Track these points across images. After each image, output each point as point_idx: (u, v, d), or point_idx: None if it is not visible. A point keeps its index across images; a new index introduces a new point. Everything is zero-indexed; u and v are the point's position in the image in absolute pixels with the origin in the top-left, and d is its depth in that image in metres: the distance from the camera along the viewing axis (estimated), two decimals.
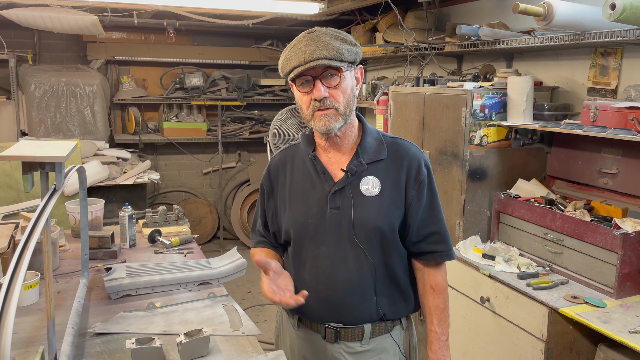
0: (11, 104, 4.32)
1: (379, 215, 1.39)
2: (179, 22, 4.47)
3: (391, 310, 1.44)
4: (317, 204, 1.42)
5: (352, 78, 1.38)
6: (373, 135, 1.46)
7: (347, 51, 1.32)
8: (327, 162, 1.45)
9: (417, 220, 1.43)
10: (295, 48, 1.33)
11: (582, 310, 1.92)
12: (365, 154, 1.42)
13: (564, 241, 2.22)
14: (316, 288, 1.42)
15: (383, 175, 1.41)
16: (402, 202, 1.42)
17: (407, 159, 1.43)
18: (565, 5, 2.08)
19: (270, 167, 1.57)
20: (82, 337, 1.51)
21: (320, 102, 1.33)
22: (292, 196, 1.48)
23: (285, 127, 4.38)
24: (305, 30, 1.37)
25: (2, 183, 3.36)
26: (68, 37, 4.68)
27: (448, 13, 3.53)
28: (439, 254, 1.45)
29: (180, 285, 1.87)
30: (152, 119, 5.18)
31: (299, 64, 1.30)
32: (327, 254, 1.41)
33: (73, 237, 2.40)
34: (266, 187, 1.56)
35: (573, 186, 2.55)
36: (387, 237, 1.40)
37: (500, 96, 2.54)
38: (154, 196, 5.25)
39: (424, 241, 1.45)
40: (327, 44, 1.30)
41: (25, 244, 0.88)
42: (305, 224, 1.43)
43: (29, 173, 1.15)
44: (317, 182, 1.44)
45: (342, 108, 1.35)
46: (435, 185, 1.46)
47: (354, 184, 1.40)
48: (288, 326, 1.57)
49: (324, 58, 1.29)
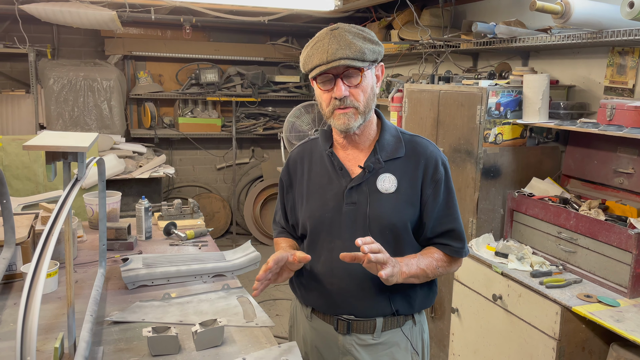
0: (30, 98, 4.39)
1: (394, 212, 1.40)
2: (195, 18, 4.50)
3: (404, 305, 1.45)
4: (333, 199, 1.44)
5: (372, 77, 1.38)
6: (391, 133, 1.47)
7: (370, 50, 1.32)
8: (345, 158, 1.47)
9: (433, 218, 1.43)
10: (317, 45, 1.33)
11: (595, 309, 1.92)
12: (383, 151, 1.43)
13: (577, 240, 2.21)
14: (330, 280, 1.44)
15: (400, 173, 1.42)
16: (418, 200, 1.43)
17: (424, 158, 1.43)
18: (583, 3, 2.07)
19: (289, 160, 1.59)
20: (100, 325, 1.55)
21: (340, 100, 1.34)
22: (309, 190, 1.50)
23: (299, 124, 4.40)
24: (326, 27, 1.37)
25: (21, 175, 3.42)
26: (86, 32, 4.74)
27: (464, 11, 3.52)
28: (451, 248, 1.46)
29: (195, 277, 1.90)
30: (167, 114, 5.23)
31: (321, 63, 1.30)
32: (341, 248, 1.42)
33: (90, 228, 2.44)
34: (285, 181, 1.60)
35: (588, 185, 2.53)
36: (400, 233, 1.41)
37: (516, 94, 2.54)
38: (168, 190, 5.30)
39: (439, 237, 1.46)
40: (350, 43, 1.29)
41: (50, 232, 0.90)
42: (322, 218, 1.45)
43: (52, 163, 1.18)
44: (334, 178, 1.45)
45: (362, 107, 1.36)
46: (452, 184, 1.46)
47: (370, 180, 1.42)
48: (302, 317, 1.59)
49: (347, 58, 1.29)
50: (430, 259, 1.42)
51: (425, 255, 1.43)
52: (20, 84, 4.67)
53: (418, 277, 1.39)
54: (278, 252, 1.41)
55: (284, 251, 1.41)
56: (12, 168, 3.39)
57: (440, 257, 1.45)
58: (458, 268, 1.52)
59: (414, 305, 1.47)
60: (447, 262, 1.46)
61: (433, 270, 1.42)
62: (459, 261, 1.51)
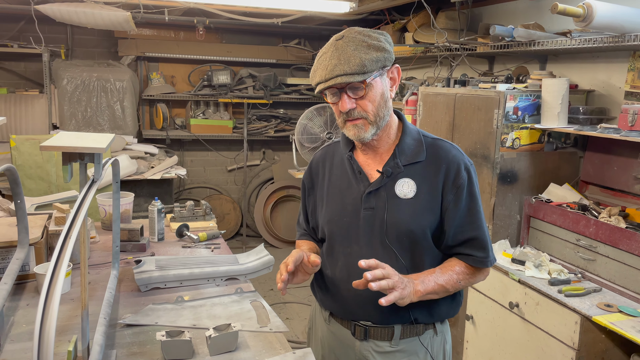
0: (44, 98, 4.41)
1: (411, 219, 1.36)
2: (208, 20, 4.50)
3: (423, 314, 1.41)
4: (352, 204, 1.42)
5: (382, 83, 1.34)
6: (413, 136, 1.43)
7: (372, 60, 1.28)
8: (364, 162, 1.45)
9: (454, 225, 1.38)
10: (321, 60, 1.31)
11: (616, 319, 1.87)
12: (403, 155, 1.40)
13: (597, 248, 2.16)
14: (347, 286, 1.41)
15: (420, 178, 1.38)
16: (438, 207, 1.38)
17: (446, 162, 1.38)
18: (605, 6, 2.03)
19: (312, 163, 1.58)
20: (113, 328, 1.53)
21: (347, 113, 1.32)
22: (329, 194, 1.48)
23: (311, 126, 4.38)
24: (335, 33, 1.35)
25: (34, 175, 3.43)
26: (100, 33, 4.76)
27: (480, 13, 3.48)
28: (474, 258, 1.40)
29: (208, 280, 1.88)
30: (179, 115, 5.23)
31: (321, 80, 1.30)
32: (358, 253, 1.40)
33: (103, 229, 2.43)
34: (307, 183, 1.58)
35: (607, 192, 2.48)
36: (418, 240, 1.38)
37: (534, 98, 2.50)
38: (179, 191, 5.30)
39: (460, 246, 1.41)
40: (350, 58, 1.27)
41: (67, 234, 0.88)
42: (340, 223, 1.44)
43: (68, 164, 1.16)
44: (353, 182, 1.43)
45: (372, 117, 1.33)
46: (476, 190, 1.40)
47: (389, 185, 1.39)
48: (320, 320, 1.57)
49: (344, 74, 1.26)
50: (451, 273, 1.37)
51: (445, 269, 1.38)
52: (34, 84, 4.69)
53: (437, 293, 1.35)
54: (295, 251, 1.39)
55: (300, 251, 1.39)
56: (25, 168, 3.40)
57: (462, 269, 1.39)
58: (484, 278, 1.46)
59: (434, 314, 1.43)
60: (470, 274, 1.40)
61: (454, 284, 1.37)
62: (485, 271, 1.44)
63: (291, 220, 5.45)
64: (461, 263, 1.40)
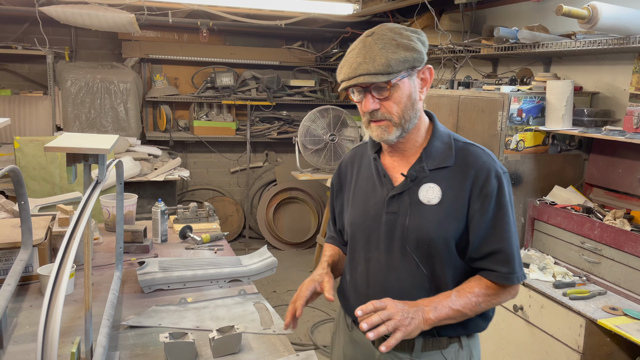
0: (48, 99, 4.42)
1: (434, 226, 1.29)
2: (212, 22, 4.51)
3: (447, 327, 1.31)
4: (374, 207, 1.37)
5: (411, 84, 1.28)
6: (442, 139, 1.36)
7: (399, 61, 1.22)
8: (390, 164, 1.39)
9: (478, 236, 1.29)
10: (349, 56, 1.27)
11: (621, 322, 1.86)
12: (430, 159, 1.33)
13: (602, 251, 2.15)
14: (366, 293, 1.37)
15: (446, 184, 1.30)
16: (464, 215, 1.29)
17: (474, 168, 1.30)
18: (610, 8, 2.02)
19: (341, 164, 1.54)
20: (116, 330, 1.53)
21: (371, 114, 1.28)
22: (354, 196, 1.44)
23: (314, 128, 4.38)
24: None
25: (38, 176, 3.43)
26: (104, 34, 4.77)
27: (484, 15, 3.48)
28: (497, 274, 1.29)
29: (211, 282, 1.88)
30: (182, 117, 5.24)
31: (345, 78, 1.26)
32: (378, 259, 1.36)
33: (106, 230, 2.43)
34: (335, 185, 1.54)
35: (612, 195, 2.47)
36: (440, 249, 1.29)
37: (538, 100, 2.49)
38: (182, 193, 5.30)
39: (484, 259, 1.31)
40: (375, 56, 1.22)
41: (71, 236, 0.88)
42: (362, 226, 1.39)
43: (72, 165, 1.16)
44: (377, 185, 1.38)
45: (396, 119, 1.27)
46: (506, 200, 1.30)
47: (413, 190, 1.32)
48: (343, 326, 1.52)
49: (368, 74, 1.22)
50: (469, 296, 1.27)
51: (463, 291, 1.28)
52: (38, 85, 4.71)
53: (453, 319, 1.26)
54: (307, 283, 1.36)
55: (312, 282, 1.36)
56: (29, 169, 3.40)
57: (482, 291, 1.28)
58: (512, 297, 1.34)
59: (459, 327, 1.33)
60: (493, 295, 1.29)
61: (473, 308, 1.27)
62: (510, 289, 1.32)
63: (294, 222, 5.44)
64: (482, 283, 1.30)
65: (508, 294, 1.32)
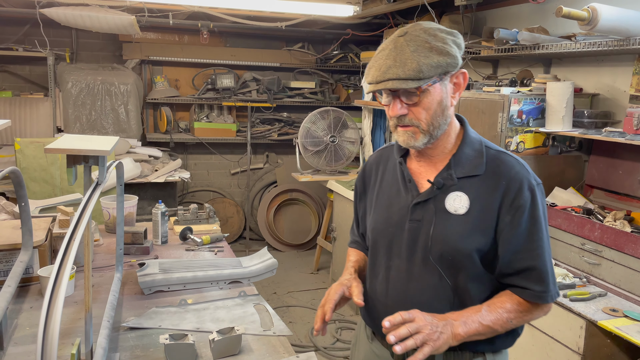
0: (48, 101, 4.43)
1: (459, 237, 1.23)
2: (212, 24, 4.52)
3: (469, 342, 1.24)
4: (398, 214, 1.31)
5: (442, 89, 1.21)
6: (473, 146, 1.28)
7: (431, 66, 1.16)
8: (417, 170, 1.33)
9: (509, 251, 1.22)
10: (378, 57, 1.21)
11: (622, 324, 1.86)
12: (459, 167, 1.26)
13: (602, 252, 2.15)
14: (385, 302, 1.33)
15: (474, 193, 1.24)
16: (492, 228, 1.23)
17: (506, 179, 1.23)
18: (611, 9, 2.03)
19: (365, 166, 1.49)
20: (116, 331, 1.53)
21: (398, 118, 1.23)
22: (377, 200, 1.38)
23: (314, 129, 4.38)
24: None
25: (38, 177, 3.44)
26: (104, 36, 4.78)
27: (484, 17, 3.48)
28: (530, 292, 1.22)
29: (211, 283, 1.88)
30: (183, 118, 5.25)
31: (372, 81, 1.20)
32: (398, 268, 1.31)
33: (107, 232, 2.43)
34: (359, 187, 1.49)
35: (612, 196, 2.47)
36: (464, 262, 1.23)
37: (539, 102, 2.49)
38: (182, 195, 5.31)
39: (516, 276, 1.24)
40: (406, 60, 1.16)
41: (71, 237, 0.88)
42: (384, 233, 1.33)
43: (72, 166, 1.16)
44: (402, 190, 1.32)
45: (424, 125, 1.22)
46: (540, 213, 1.23)
47: (439, 198, 1.26)
48: (364, 336, 1.46)
49: (396, 79, 1.16)
50: (500, 312, 1.20)
51: (494, 306, 1.22)
52: (38, 87, 4.71)
53: (483, 335, 1.20)
54: (335, 287, 1.30)
55: (341, 285, 1.31)
56: (29, 170, 3.41)
57: (514, 307, 1.22)
58: (544, 314, 1.28)
59: (484, 342, 1.26)
60: (525, 311, 1.23)
61: (504, 324, 1.20)
62: (544, 306, 1.26)
63: (294, 223, 5.44)
64: (514, 299, 1.23)
65: (541, 311, 1.26)
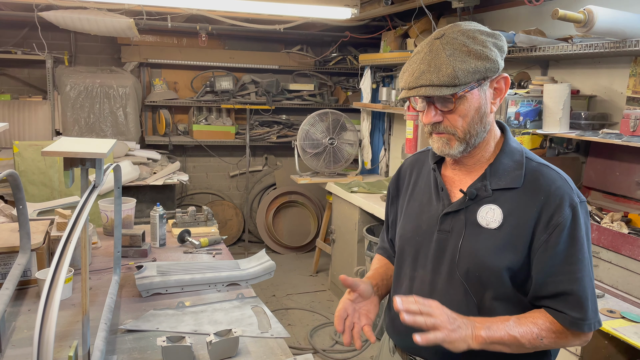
0: (47, 104, 4.43)
1: (488, 253, 1.15)
2: (211, 26, 4.52)
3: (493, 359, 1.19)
4: (427, 222, 1.25)
5: (481, 96, 1.15)
6: (513, 157, 1.20)
7: (468, 71, 1.10)
8: (451, 178, 1.27)
9: (544, 273, 1.14)
10: (413, 60, 1.15)
11: (619, 325, 1.86)
12: (495, 178, 1.19)
13: (599, 253, 2.16)
14: None
15: (509, 207, 1.16)
16: (526, 246, 1.14)
17: (545, 194, 1.14)
18: (606, 11, 2.03)
19: (400, 169, 1.43)
20: (114, 334, 1.53)
21: (433, 126, 1.17)
22: (408, 207, 1.33)
23: (313, 132, 4.39)
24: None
25: (37, 180, 3.44)
26: (103, 39, 4.79)
27: (482, 19, 3.49)
28: (566, 317, 1.12)
29: (209, 286, 1.88)
30: (182, 121, 5.25)
31: (405, 87, 1.15)
32: (423, 280, 1.25)
33: (105, 234, 2.44)
34: (392, 190, 1.44)
35: (610, 197, 2.48)
36: (492, 279, 1.15)
37: (536, 104, 2.50)
38: (181, 197, 5.31)
39: (550, 299, 1.15)
40: (441, 65, 1.09)
41: (68, 239, 0.89)
42: (411, 241, 1.28)
43: (69, 169, 1.17)
44: (433, 199, 1.27)
45: (461, 133, 1.15)
46: (581, 234, 1.13)
47: (471, 209, 1.19)
48: (386, 349, 1.41)
49: (430, 85, 1.10)
50: (531, 326, 1.11)
51: (524, 319, 1.13)
52: (37, 90, 4.72)
53: (507, 346, 1.11)
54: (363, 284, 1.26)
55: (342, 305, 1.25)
56: (28, 173, 3.41)
57: (547, 325, 1.12)
58: (582, 343, 1.17)
59: None
60: (559, 333, 1.13)
61: (533, 340, 1.11)
62: (581, 336, 1.15)
63: (293, 226, 5.45)
64: (548, 318, 1.14)
65: (577, 339, 1.15)
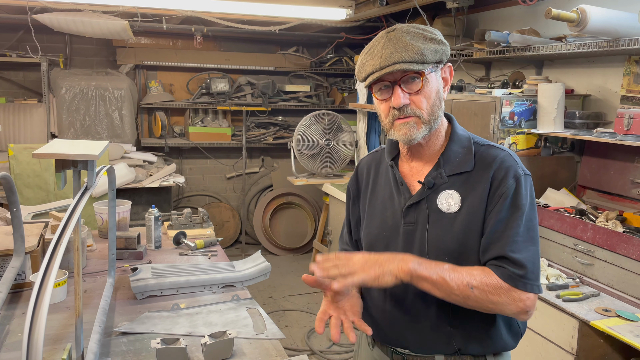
0: (42, 107, 4.42)
1: (453, 235, 1.21)
2: (206, 28, 4.52)
3: (469, 343, 1.24)
4: (392, 218, 1.30)
5: (437, 80, 1.23)
6: (462, 143, 1.28)
7: (431, 51, 1.17)
8: (408, 172, 1.32)
9: (488, 238, 1.19)
10: (372, 51, 1.20)
11: (614, 324, 1.86)
12: (448, 165, 1.25)
13: (595, 252, 2.16)
14: (383, 308, 1.31)
15: (465, 190, 1.22)
16: (483, 221, 1.21)
17: (492, 168, 1.21)
18: (599, 11, 2.04)
19: (357, 168, 1.46)
20: (108, 336, 1.52)
21: (399, 110, 1.20)
22: (370, 205, 1.37)
23: (309, 133, 4.39)
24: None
25: (32, 183, 3.43)
26: (98, 41, 4.78)
27: (476, 19, 3.50)
28: (506, 271, 1.15)
29: (204, 287, 1.88)
30: (178, 123, 5.24)
31: (374, 70, 1.18)
32: None
33: (100, 237, 2.43)
34: (352, 190, 1.46)
35: (604, 196, 2.48)
36: (461, 262, 1.18)
37: (530, 103, 2.50)
38: (178, 199, 5.30)
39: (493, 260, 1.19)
40: (407, 45, 1.16)
41: (58, 241, 0.88)
42: (379, 237, 1.32)
43: (61, 171, 1.16)
44: (395, 194, 1.31)
45: (426, 115, 1.20)
46: (524, 202, 1.18)
47: (431, 198, 1.24)
48: (365, 344, 1.44)
49: (403, 62, 1.15)
50: (464, 274, 1.14)
51: (462, 268, 1.16)
52: (32, 93, 4.71)
53: (437, 287, 1.14)
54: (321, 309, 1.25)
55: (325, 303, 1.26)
56: (23, 176, 3.40)
57: (482, 278, 1.14)
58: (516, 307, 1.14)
59: (484, 345, 1.25)
60: (491, 287, 1.13)
61: (462, 287, 1.13)
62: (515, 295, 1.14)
63: (290, 227, 5.44)
64: (486, 271, 1.16)
65: (510, 298, 1.14)
